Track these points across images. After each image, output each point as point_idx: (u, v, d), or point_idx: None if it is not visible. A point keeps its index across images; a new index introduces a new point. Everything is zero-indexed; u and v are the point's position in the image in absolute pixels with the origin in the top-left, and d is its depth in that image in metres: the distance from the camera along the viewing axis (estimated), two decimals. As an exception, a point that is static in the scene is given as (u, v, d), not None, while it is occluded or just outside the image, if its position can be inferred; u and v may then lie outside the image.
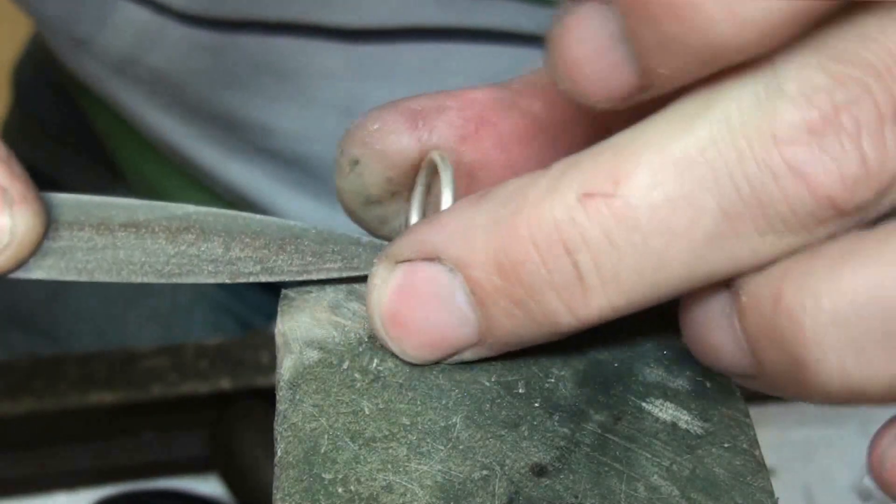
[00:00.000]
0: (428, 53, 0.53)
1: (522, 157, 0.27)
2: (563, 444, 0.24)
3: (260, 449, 0.55)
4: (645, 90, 0.22)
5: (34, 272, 0.26)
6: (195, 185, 0.66)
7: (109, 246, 0.26)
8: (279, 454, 0.24)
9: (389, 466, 0.24)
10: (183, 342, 0.57)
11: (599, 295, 0.23)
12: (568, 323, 0.23)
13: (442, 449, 0.24)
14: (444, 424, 0.25)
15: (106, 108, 0.64)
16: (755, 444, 0.25)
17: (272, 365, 0.43)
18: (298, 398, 0.25)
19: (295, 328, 0.26)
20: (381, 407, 0.25)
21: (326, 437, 0.24)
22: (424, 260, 0.24)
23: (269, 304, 0.71)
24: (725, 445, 0.24)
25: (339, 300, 0.27)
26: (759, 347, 0.23)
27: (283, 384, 0.25)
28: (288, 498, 0.23)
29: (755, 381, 0.24)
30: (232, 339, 0.57)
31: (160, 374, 0.55)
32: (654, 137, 0.22)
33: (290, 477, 0.24)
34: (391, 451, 0.24)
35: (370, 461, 0.24)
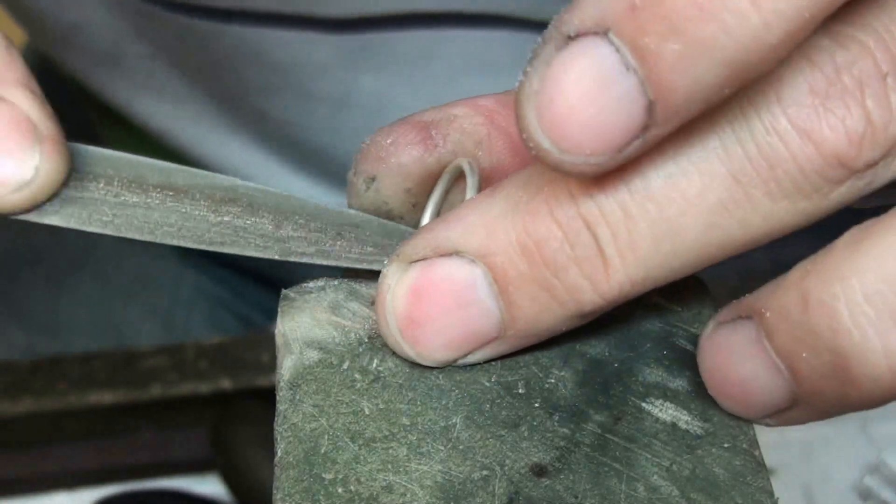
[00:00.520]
0: (420, 40, 0.53)
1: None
2: (563, 444, 0.24)
3: (260, 449, 0.55)
4: (646, 131, 0.21)
5: (52, 217, 0.25)
6: None
7: (141, 205, 0.26)
8: (279, 454, 0.24)
9: (389, 466, 0.24)
10: (183, 342, 0.57)
11: (618, 267, 0.23)
12: (591, 300, 0.23)
13: (442, 449, 0.24)
14: (444, 425, 0.25)
15: (99, 101, 0.64)
16: (755, 444, 0.25)
17: (272, 365, 0.43)
18: (298, 398, 0.25)
19: (295, 328, 0.26)
20: (381, 407, 0.25)
21: (326, 437, 0.24)
22: (441, 256, 0.24)
23: (268, 300, 0.70)
24: (725, 445, 0.24)
25: (339, 300, 0.27)
26: (796, 360, 0.23)
27: (283, 384, 0.25)
28: (288, 498, 0.23)
29: (793, 412, 0.24)
30: (232, 339, 0.57)
31: (160, 373, 0.55)
32: None
33: (290, 477, 0.24)
34: (391, 451, 0.24)
35: (370, 461, 0.24)
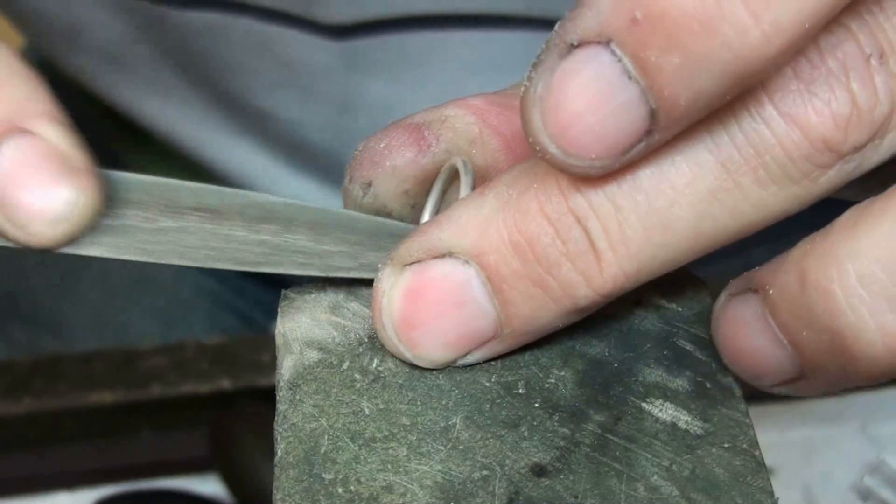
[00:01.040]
0: (420, 43, 0.53)
1: (528, 156, 0.27)
2: (563, 444, 0.24)
3: (260, 449, 0.55)
4: (649, 136, 0.21)
5: (90, 248, 0.25)
6: (195, 178, 0.66)
7: (177, 229, 0.25)
8: (279, 454, 0.24)
9: (389, 467, 0.24)
10: (183, 342, 0.57)
11: (611, 261, 0.23)
12: (585, 295, 0.23)
13: (442, 449, 0.24)
14: (444, 425, 0.25)
15: (103, 103, 0.64)
16: (755, 444, 0.25)
17: (272, 365, 0.43)
18: (298, 398, 0.25)
19: (295, 328, 0.26)
20: (381, 407, 0.25)
21: (326, 437, 0.24)
22: (434, 258, 0.24)
23: (269, 299, 0.70)
24: (725, 445, 0.24)
25: (339, 300, 0.27)
26: (797, 337, 0.23)
27: (283, 384, 0.25)
28: (288, 498, 0.23)
29: (802, 382, 0.24)
30: (232, 339, 0.57)
31: (160, 373, 0.55)
32: None
33: (290, 477, 0.24)
34: (391, 451, 0.24)
35: (370, 461, 0.24)
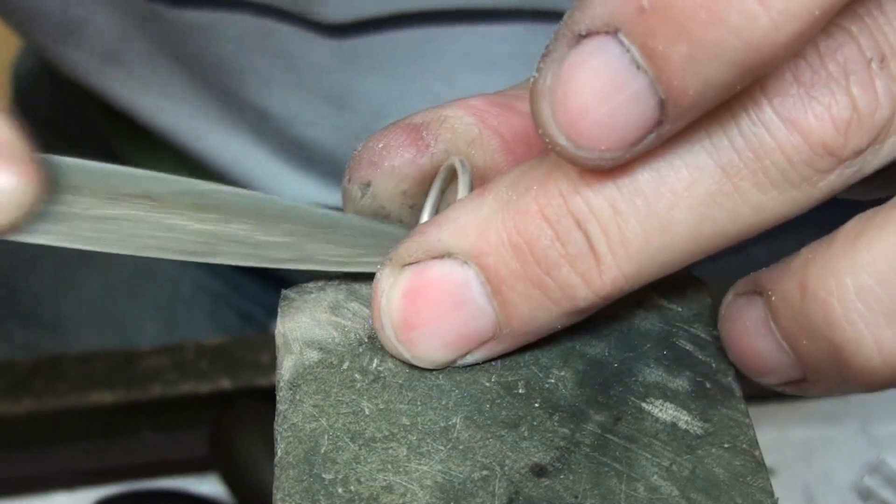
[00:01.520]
0: (416, 40, 0.53)
1: (527, 157, 0.27)
2: (563, 444, 0.24)
3: (260, 449, 0.55)
4: (660, 127, 0.21)
5: (34, 236, 0.24)
6: (195, 175, 0.66)
7: (120, 217, 0.25)
8: (279, 454, 0.24)
9: (389, 466, 0.24)
10: (183, 342, 0.57)
11: (611, 264, 0.23)
12: (584, 297, 0.23)
13: (442, 449, 0.24)
14: (444, 425, 0.25)
15: (102, 100, 0.64)
16: (755, 444, 0.25)
17: (272, 365, 0.43)
18: (298, 398, 0.25)
19: (295, 328, 0.26)
20: (381, 407, 0.25)
21: (326, 437, 0.24)
22: (433, 259, 0.24)
23: (269, 296, 0.70)
24: (725, 445, 0.24)
25: (339, 300, 0.27)
26: (797, 344, 0.23)
27: (283, 384, 0.25)
28: (288, 498, 0.23)
29: (805, 385, 0.24)
30: (232, 338, 0.57)
31: (160, 373, 0.55)
32: None
33: (290, 477, 0.24)
34: (391, 451, 0.24)
35: (370, 461, 0.24)
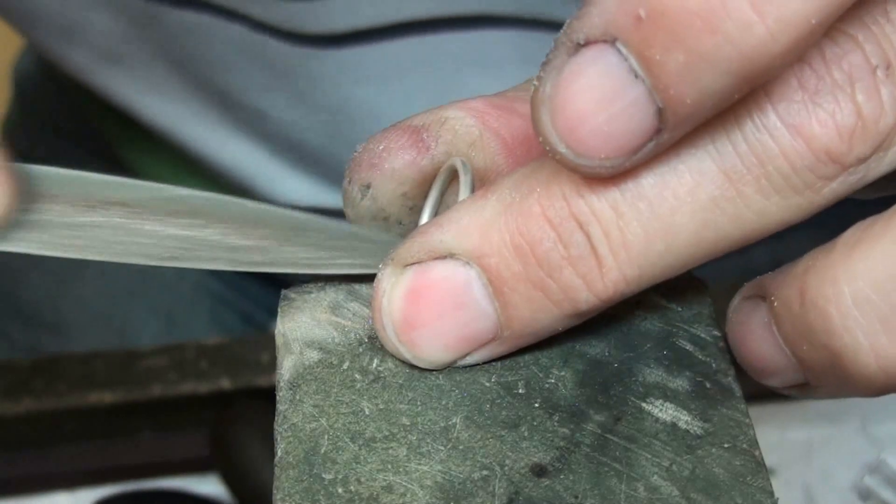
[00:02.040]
0: (412, 48, 0.53)
1: (528, 159, 0.27)
2: (563, 444, 0.24)
3: (260, 449, 0.55)
4: (658, 135, 0.21)
5: (10, 245, 0.24)
6: (194, 174, 0.66)
7: (94, 224, 0.25)
8: (279, 454, 0.24)
9: (389, 467, 0.24)
10: (183, 342, 0.57)
11: (612, 267, 0.23)
12: (586, 299, 0.23)
13: (442, 449, 0.24)
14: (444, 425, 0.25)
15: (102, 99, 0.64)
16: (755, 444, 0.25)
17: (272, 365, 0.43)
18: (298, 398, 0.25)
19: (295, 328, 0.26)
20: (381, 407, 0.25)
21: (326, 437, 0.24)
22: (435, 259, 0.24)
23: (270, 297, 0.71)
24: (725, 445, 0.24)
25: (339, 300, 0.27)
26: (798, 349, 0.23)
27: (283, 384, 0.25)
28: (288, 498, 0.23)
29: (808, 389, 0.25)
30: (232, 339, 0.57)
31: (160, 373, 0.55)
32: None
33: (290, 477, 0.24)
34: (391, 451, 0.24)
35: (370, 461, 0.24)
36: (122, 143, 0.70)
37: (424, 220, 0.27)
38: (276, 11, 0.52)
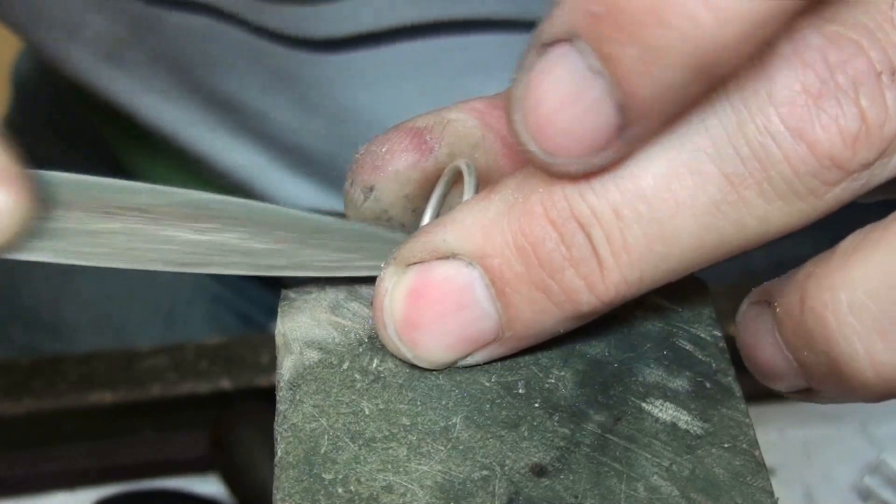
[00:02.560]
0: (411, 52, 0.54)
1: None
2: (563, 444, 0.24)
3: (260, 449, 0.55)
4: (623, 131, 0.21)
5: (30, 254, 0.24)
6: (195, 177, 0.66)
7: (114, 230, 0.25)
8: (279, 454, 0.24)
9: (389, 467, 0.24)
10: (183, 342, 0.57)
11: (613, 268, 0.23)
12: (588, 301, 0.23)
13: (442, 449, 0.24)
14: (444, 425, 0.25)
15: (102, 101, 0.64)
16: (755, 444, 0.25)
17: (272, 365, 0.43)
18: (298, 398, 0.25)
19: (295, 328, 0.26)
20: (381, 407, 0.25)
21: (326, 437, 0.24)
22: (438, 259, 0.24)
23: (268, 298, 0.71)
24: (725, 445, 0.24)
25: (339, 300, 0.27)
26: (798, 354, 0.24)
27: (283, 384, 0.25)
28: (288, 498, 0.23)
29: (812, 394, 0.25)
30: (232, 339, 0.57)
31: (160, 373, 0.55)
32: None
33: (290, 477, 0.24)
34: (391, 451, 0.24)
35: (370, 461, 0.24)
36: (121, 144, 0.70)
37: (426, 221, 0.27)
38: (276, 16, 0.52)
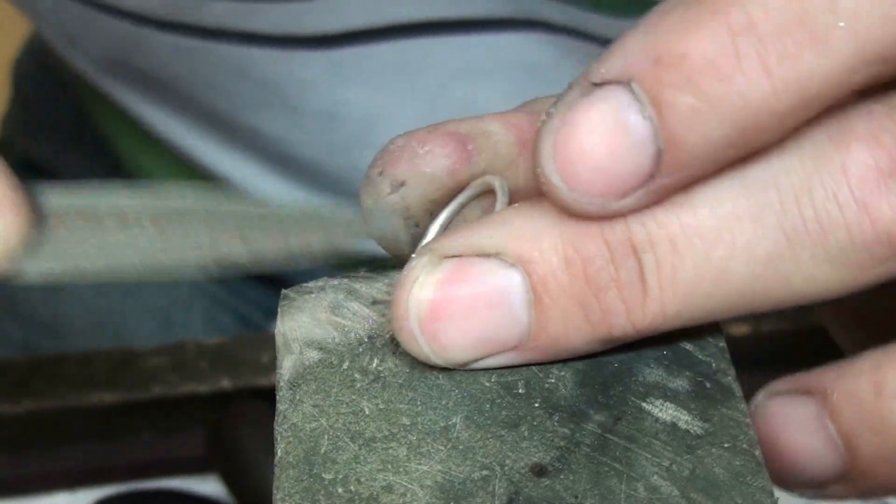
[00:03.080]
0: (405, 51, 0.54)
1: None
2: (563, 444, 0.24)
3: (260, 449, 0.55)
4: (652, 179, 0.22)
5: (28, 279, 0.24)
6: (194, 177, 0.67)
7: (101, 243, 0.25)
8: (279, 454, 0.24)
9: (389, 466, 0.24)
10: (183, 342, 0.57)
11: (656, 298, 0.23)
12: (622, 326, 0.23)
13: (442, 449, 0.24)
14: (444, 424, 0.25)
15: (103, 100, 0.65)
16: (755, 444, 0.25)
17: (272, 365, 0.43)
18: (298, 398, 0.25)
19: (295, 328, 0.26)
20: (381, 407, 0.25)
21: (326, 437, 0.24)
22: (479, 256, 0.24)
23: (267, 299, 0.71)
24: (725, 445, 0.24)
25: (339, 300, 0.27)
26: (858, 441, 0.24)
27: (283, 384, 0.25)
28: (288, 498, 0.23)
29: (837, 485, 0.25)
30: (232, 339, 0.57)
31: (160, 374, 0.55)
32: None
33: (290, 477, 0.24)
34: (391, 451, 0.24)
35: (370, 461, 0.24)
36: (121, 143, 0.71)
37: (436, 226, 0.27)
38: (263, 18, 0.52)
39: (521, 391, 0.25)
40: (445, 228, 0.27)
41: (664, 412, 0.25)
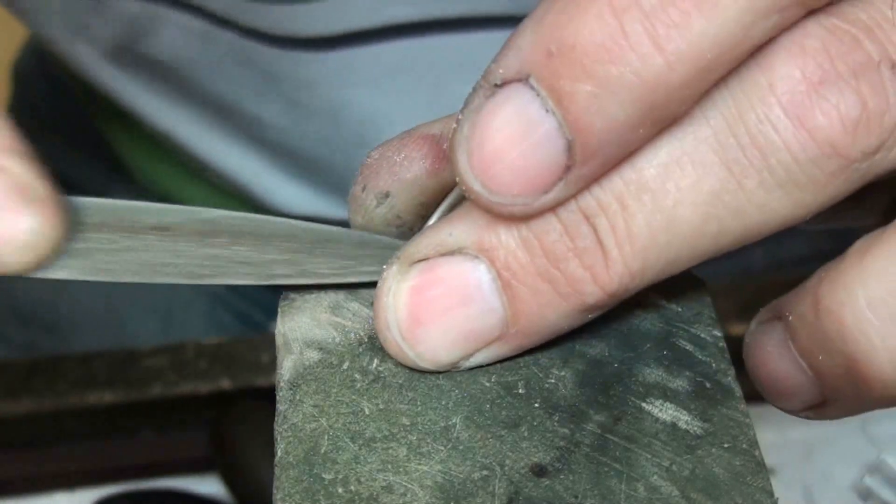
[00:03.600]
0: (404, 51, 0.54)
1: None
2: (562, 444, 0.24)
3: (260, 449, 0.55)
4: (569, 171, 0.22)
5: (58, 272, 0.25)
6: (194, 178, 0.67)
7: (135, 248, 0.25)
8: (279, 454, 0.24)
9: (389, 467, 0.24)
10: (183, 342, 0.57)
11: (617, 258, 0.23)
12: (592, 292, 0.23)
13: (442, 449, 0.24)
14: (444, 425, 0.25)
15: (104, 99, 0.65)
16: (755, 444, 0.25)
17: (272, 365, 0.43)
18: (298, 398, 0.25)
19: (295, 329, 0.26)
20: (381, 407, 0.25)
21: (326, 437, 0.24)
22: (443, 255, 0.24)
23: (267, 298, 0.71)
24: (725, 445, 0.24)
25: (339, 301, 0.27)
26: (814, 362, 0.24)
27: (283, 384, 0.25)
28: (288, 498, 0.23)
29: (825, 408, 0.25)
30: (232, 339, 0.57)
31: (160, 373, 0.55)
32: None
33: (290, 477, 0.24)
34: (391, 451, 0.24)
35: (370, 461, 0.24)
36: (122, 143, 0.70)
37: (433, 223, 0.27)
38: (266, 16, 0.52)
39: (521, 391, 0.25)
40: None
41: (664, 412, 0.25)
